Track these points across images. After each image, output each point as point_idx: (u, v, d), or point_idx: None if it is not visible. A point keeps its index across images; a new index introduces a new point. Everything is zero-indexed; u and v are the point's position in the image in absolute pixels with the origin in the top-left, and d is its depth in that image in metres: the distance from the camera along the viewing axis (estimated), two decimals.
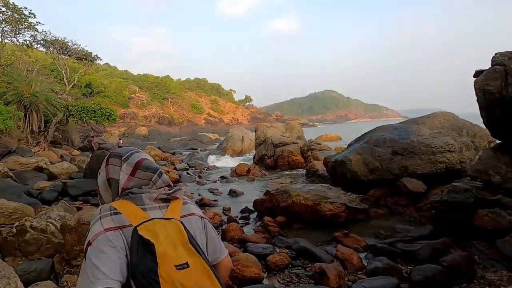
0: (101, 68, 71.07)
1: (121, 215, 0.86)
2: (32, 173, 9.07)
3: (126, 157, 1.01)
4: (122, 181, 0.97)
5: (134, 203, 0.91)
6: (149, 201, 0.94)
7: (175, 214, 0.94)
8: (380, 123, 10.30)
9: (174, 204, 0.98)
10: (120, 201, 0.92)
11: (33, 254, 3.44)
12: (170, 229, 0.85)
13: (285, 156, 12.92)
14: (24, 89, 13.92)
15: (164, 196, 0.97)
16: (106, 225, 0.84)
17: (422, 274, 3.27)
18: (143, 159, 1.02)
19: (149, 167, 1.00)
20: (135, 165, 0.99)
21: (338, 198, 5.80)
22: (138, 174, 0.99)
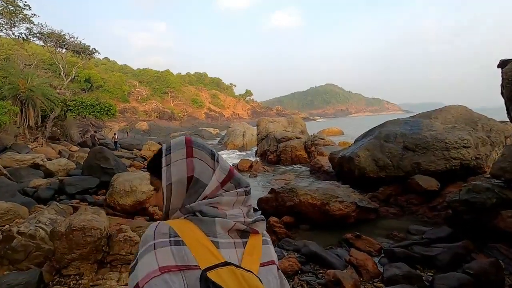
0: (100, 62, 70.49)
1: (185, 247, 0.59)
2: (28, 170, 8.77)
3: (218, 157, 0.73)
4: (210, 188, 0.68)
5: (204, 231, 0.63)
6: (223, 232, 0.65)
7: (254, 262, 0.65)
8: (381, 117, 9.93)
9: (253, 242, 0.68)
10: (183, 222, 0.64)
11: (21, 262, 3.15)
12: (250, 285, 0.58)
13: (288, 152, 12.60)
14: (20, 83, 13.56)
15: (243, 227, 0.67)
16: (163, 261, 0.57)
17: (447, 283, 2.97)
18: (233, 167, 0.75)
19: (240, 182, 0.72)
20: (229, 174, 0.71)
21: (348, 197, 5.50)
22: (227, 186, 0.71)
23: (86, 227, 2.99)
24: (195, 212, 0.65)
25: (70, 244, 2.93)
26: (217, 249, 0.61)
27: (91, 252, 3.00)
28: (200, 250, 0.59)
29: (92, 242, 2.98)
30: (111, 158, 8.90)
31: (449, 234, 4.33)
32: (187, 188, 0.68)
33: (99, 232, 3.03)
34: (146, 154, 16.69)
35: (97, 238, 3.00)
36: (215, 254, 0.60)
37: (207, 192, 0.68)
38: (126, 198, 6.09)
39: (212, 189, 0.69)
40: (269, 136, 14.11)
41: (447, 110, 7.29)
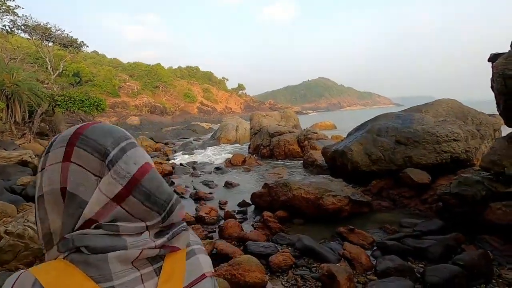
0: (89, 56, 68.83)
1: None
2: (15, 168, 8.55)
3: (115, 156, 0.49)
4: (94, 207, 0.47)
5: (92, 277, 0.43)
6: (123, 269, 0.46)
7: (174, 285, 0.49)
8: (373, 111, 9.87)
9: (170, 263, 0.51)
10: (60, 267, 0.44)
11: (10, 262, 3.07)
12: None
13: (281, 146, 12.60)
14: (5, 78, 13.13)
15: (155, 252, 0.49)
16: None
17: (439, 275, 3.02)
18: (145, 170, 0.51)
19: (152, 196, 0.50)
20: (130, 183, 0.48)
21: (341, 191, 5.53)
22: (129, 203, 0.48)
23: None
24: (79, 248, 0.44)
25: None
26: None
27: None
28: None
29: None
30: None
31: (440, 226, 4.40)
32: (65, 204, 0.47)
33: None
34: None
35: None
36: None
37: (89, 214, 0.46)
38: None
39: (96, 210, 0.47)
40: (262, 130, 14.06)
41: (438, 104, 7.36)
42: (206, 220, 5.55)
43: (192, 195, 7.61)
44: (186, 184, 9.27)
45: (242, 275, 3.07)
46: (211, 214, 5.71)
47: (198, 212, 5.79)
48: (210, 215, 5.67)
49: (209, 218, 5.59)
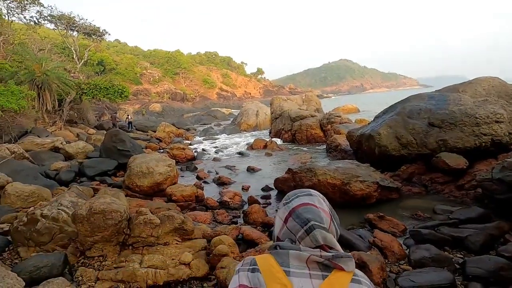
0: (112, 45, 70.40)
1: (259, 273, 0.73)
2: (48, 154, 9.00)
3: (289, 200, 0.82)
4: (277, 228, 0.83)
5: (278, 261, 0.73)
6: (297, 263, 0.72)
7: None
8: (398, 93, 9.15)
9: (335, 277, 0.70)
10: (265, 255, 0.78)
11: (47, 244, 3.21)
12: None
13: (303, 130, 12.33)
14: (35, 68, 13.67)
15: (321, 260, 0.71)
16: (242, 280, 0.74)
17: (482, 267, 2.80)
18: (303, 205, 0.78)
19: (300, 216, 0.76)
20: (290, 211, 0.79)
21: (369, 176, 5.30)
22: (289, 222, 0.78)
23: (106, 210, 2.97)
24: (276, 246, 0.77)
25: (92, 227, 2.93)
26: (288, 277, 0.70)
27: (112, 234, 3.00)
28: (270, 277, 0.70)
29: (113, 225, 2.97)
30: (127, 140, 8.97)
31: (480, 214, 4.10)
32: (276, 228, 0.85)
33: (119, 215, 3.00)
34: (161, 135, 16.81)
35: (117, 221, 2.98)
36: (283, 282, 0.69)
37: (276, 231, 0.82)
38: (144, 179, 6.13)
39: (279, 228, 0.81)
40: (283, 115, 13.81)
41: (478, 83, 6.76)
42: (230, 205, 5.56)
43: (215, 180, 7.66)
44: (208, 169, 9.36)
45: None
46: (235, 199, 5.71)
47: (222, 197, 5.80)
48: (234, 200, 5.67)
49: (233, 203, 5.59)
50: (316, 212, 0.76)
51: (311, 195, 0.82)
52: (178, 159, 10.52)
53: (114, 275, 2.67)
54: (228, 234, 3.78)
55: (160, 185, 6.19)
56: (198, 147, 13.75)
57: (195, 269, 2.82)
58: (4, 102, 9.32)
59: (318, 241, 0.73)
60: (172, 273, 2.69)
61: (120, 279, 2.64)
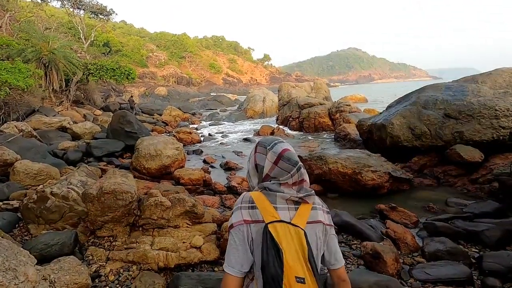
0: (118, 26, 69.46)
1: (257, 210, 0.99)
2: (56, 133, 9.00)
3: (271, 146, 1.07)
4: (266, 168, 1.06)
5: (269, 200, 1.01)
6: (281, 201, 1.01)
7: (302, 220, 0.99)
8: (407, 84, 8.82)
9: (303, 208, 1.03)
10: (258, 193, 1.04)
11: (56, 222, 3.19)
12: (294, 237, 0.94)
13: (312, 118, 12.16)
14: (42, 46, 13.52)
15: (296, 198, 1.02)
16: (245, 216, 0.99)
17: (501, 262, 2.72)
18: (285, 150, 1.06)
19: (290, 159, 1.04)
20: (279, 155, 1.04)
21: (381, 166, 5.19)
22: (281, 164, 1.03)
23: (117, 191, 2.92)
24: (266, 188, 1.03)
25: (103, 207, 2.89)
26: (276, 211, 0.98)
27: (123, 215, 2.96)
28: (265, 211, 0.97)
29: (123, 205, 2.92)
30: (134, 122, 8.91)
31: (496, 209, 4.00)
32: (257, 171, 1.10)
33: (129, 196, 2.95)
34: (167, 119, 16.76)
35: (128, 202, 2.93)
36: (274, 215, 0.96)
37: (266, 170, 1.06)
38: (152, 162, 6.10)
39: (269, 167, 1.05)
40: (291, 102, 13.60)
41: (498, 74, 6.49)
42: (238, 190, 5.51)
43: (222, 165, 7.61)
44: (215, 153, 9.31)
45: None
46: (242, 185, 5.66)
47: (230, 182, 5.76)
48: (242, 186, 5.62)
49: (241, 189, 5.55)
50: (296, 156, 1.06)
51: (283, 142, 1.10)
52: (184, 143, 10.48)
53: (125, 256, 2.64)
54: None
55: (168, 168, 6.16)
56: (204, 132, 13.68)
57: (206, 253, 2.78)
58: (12, 80, 9.25)
59: (302, 176, 1.04)
60: (183, 256, 2.65)
61: (131, 259, 2.61)
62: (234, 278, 0.96)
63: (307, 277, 0.90)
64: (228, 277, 0.97)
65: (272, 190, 1.00)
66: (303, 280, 0.89)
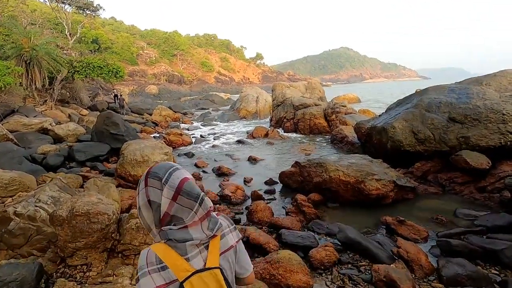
0: (107, 22, 67.83)
1: (169, 270, 0.86)
2: (35, 135, 8.40)
3: (166, 179, 0.92)
4: (164, 206, 0.92)
5: (179, 253, 0.88)
6: (192, 248, 0.90)
7: (215, 258, 0.92)
8: (398, 83, 8.55)
9: (213, 244, 0.94)
10: (163, 247, 0.89)
11: (21, 247, 2.74)
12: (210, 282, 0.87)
13: (307, 119, 11.82)
14: (23, 42, 12.78)
15: (206, 240, 0.93)
16: (157, 282, 0.85)
17: None
18: (184, 180, 0.93)
19: (190, 193, 0.92)
20: (177, 190, 0.91)
21: (385, 174, 4.87)
22: (180, 200, 0.91)
23: (91, 212, 2.48)
24: (171, 239, 0.89)
25: (74, 231, 2.45)
26: (188, 262, 0.88)
27: (98, 240, 2.52)
28: (176, 268, 0.86)
29: (99, 229, 2.49)
30: (120, 124, 8.39)
31: (509, 222, 3.71)
32: (152, 208, 0.93)
33: (106, 218, 2.52)
34: (157, 119, 16.20)
35: (104, 225, 2.50)
36: (187, 268, 0.87)
37: (164, 208, 0.91)
38: (138, 168, 5.63)
39: (167, 205, 0.91)
40: (286, 102, 13.23)
41: (503, 75, 6.26)
42: (232, 199, 5.11)
43: (215, 170, 7.19)
44: (207, 156, 8.88)
45: (283, 277, 2.59)
46: (237, 194, 5.26)
47: (223, 190, 5.35)
48: (236, 195, 5.22)
49: (235, 198, 5.15)
50: (197, 186, 0.94)
51: (180, 169, 0.95)
52: (175, 145, 10.01)
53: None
54: None
55: None
56: (196, 133, 13.21)
57: None
58: None
59: (207, 208, 0.93)
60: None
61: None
62: None
63: None
64: None
65: (180, 241, 0.89)
66: None
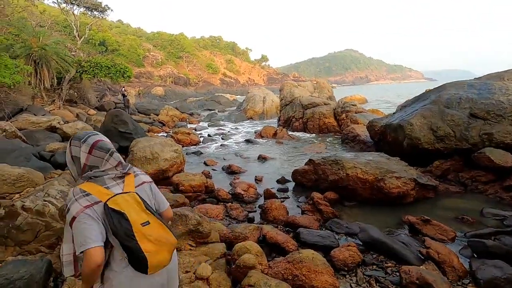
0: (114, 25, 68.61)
1: (92, 195, 1.16)
2: (44, 133, 8.34)
3: (85, 139, 1.25)
4: (82, 159, 1.24)
5: (99, 184, 1.21)
6: (110, 181, 1.24)
7: (131, 187, 1.27)
8: (404, 85, 8.33)
9: (128, 179, 1.30)
10: (86, 184, 1.21)
11: (29, 243, 2.60)
12: (130, 200, 1.20)
13: (316, 119, 11.61)
14: (32, 41, 12.83)
15: (120, 174, 1.28)
16: (84, 203, 1.13)
17: None
18: (98, 141, 1.27)
19: (102, 147, 1.25)
20: (92, 146, 1.24)
21: (405, 172, 4.65)
22: (95, 153, 1.24)
23: None
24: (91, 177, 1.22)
25: None
26: (109, 189, 1.21)
27: None
28: (99, 193, 1.18)
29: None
30: (129, 122, 8.30)
31: None
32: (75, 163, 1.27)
33: None
34: (164, 119, 16.13)
35: None
36: (108, 193, 1.19)
37: (83, 160, 1.24)
38: (148, 165, 5.50)
39: (85, 158, 1.24)
40: (294, 101, 13.04)
41: None
42: (245, 198, 4.94)
43: (225, 168, 7.03)
44: (216, 155, 8.73)
45: (307, 277, 2.40)
46: (249, 192, 5.08)
47: (235, 189, 5.17)
48: (248, 193, 5.05)
49: (248, 196, 4.97)
50: (109, 143, 1.30)
51: (98, 134, 1.31)
52: (183, 144, 9.89)
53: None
54: (249, 236, 3.17)
55: (166, 172, 5.57)
56: (203, 133, 13.09)
57: (216, 286, 2.21)
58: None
59: (119, 158, 1.30)
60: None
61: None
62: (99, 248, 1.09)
63: (150, 220, 1.20)
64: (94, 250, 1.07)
65: (98, 176, 1.21)
66: (148, 223, 1.18)
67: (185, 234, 2.51)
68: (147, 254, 1.11)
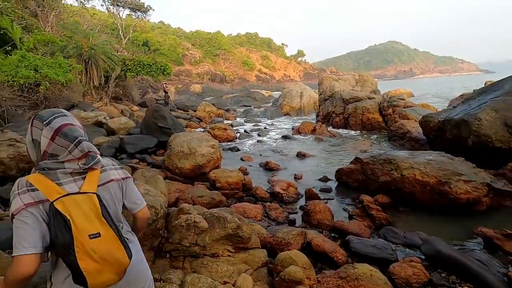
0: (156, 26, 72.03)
1: (38, 191, 0.95)
2: (91, 128, 8.79)
3: (49, 121, 1.02)
4: (43, 145, 1.01)
5: (50, 179, 0.99)
6: (64, 176, 1.01)
7: (92, 186, 1.03)
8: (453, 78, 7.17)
9: (90, 175, 1.05)
10: (36, 176, 0.99)
11: None
12: (84, 203, 0.98)
13: (359, 114, 10.83)
14: (82, 42, 13.73)
15: (80, 170, 1.03)
16: (26, 200, 0.94)
17: None
18: (64, 125, 1.03)
19: (68, 135, 1.02)
20: (55, 131, 1.01)
21: (475, 175, 3.95)
22: (58, 140, 1.01)
23: None
24: (44, 168, 1.00)
25: None
26: (61, 186, 0.99)
27: (145, 237, 2.19)
28: (47, 190, 0.97)
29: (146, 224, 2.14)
30: (168, 117, 8.39)
31: None
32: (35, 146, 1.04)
33: (154, 212, 2.18)
34: (201, 115, 16.36)
35: (152, 220, 2.16)
36: (59, 191, 0.97)
37: (43, 146, 1.01)
38: (185, 161, 5.41)
39: (46, 144, 1.01)
40: (335, 96, 12.33)
41: None
42: (284, 197, 4.60)
43: (262, 165, 6.76)
44: (252, 151, 8.50)
45: None
46: (289, 191, 4.74)
47: (274, 187, 4.86)
48: (288, 192, 4.71)
49: (288, 196, 4.63)
50: (78, 130, 1.06)
51: (67, 115, 1.06)
52: (219, 140, 9.81)
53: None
54: (292, 242, 2.84)
55: (202, 168, 5.44)
56: (240, 129, 12.97)
57: None
58: (52, 75, 9.22)
59: (85, 150, 1.03)
60: None
61: None
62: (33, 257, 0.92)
63: (102, 231, 0.97)
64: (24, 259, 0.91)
65: (51, 168, 1.00)
66: (98, 235, 0.96)
67: (223, 238, 2.25)
68: (86, 274, 0.93)
